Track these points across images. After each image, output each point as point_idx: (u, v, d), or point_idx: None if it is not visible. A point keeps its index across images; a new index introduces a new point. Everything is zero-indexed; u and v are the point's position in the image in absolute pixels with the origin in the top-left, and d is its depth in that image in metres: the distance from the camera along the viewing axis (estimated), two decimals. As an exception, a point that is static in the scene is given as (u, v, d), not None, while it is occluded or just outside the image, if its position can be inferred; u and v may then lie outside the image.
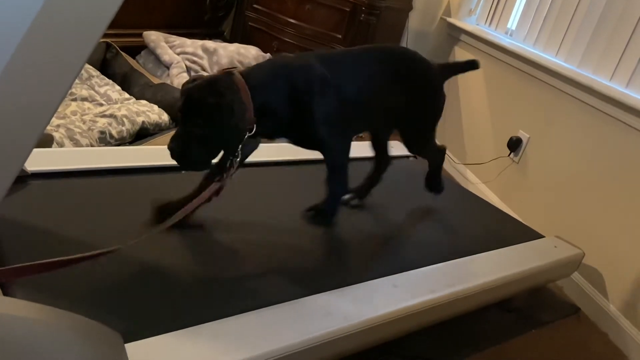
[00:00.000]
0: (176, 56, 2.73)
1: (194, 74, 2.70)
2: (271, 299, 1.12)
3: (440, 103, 1.53)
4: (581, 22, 2.12)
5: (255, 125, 1.20)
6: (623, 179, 1.78)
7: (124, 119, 2.04)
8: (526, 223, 1.85)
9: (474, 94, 2.69)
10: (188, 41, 2.85)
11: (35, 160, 1.29)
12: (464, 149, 2.72)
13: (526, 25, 2.46)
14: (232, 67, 1.22)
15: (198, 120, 1.13)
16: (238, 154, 1.20)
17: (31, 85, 0.71)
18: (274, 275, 1.21)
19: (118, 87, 2.35)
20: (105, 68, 2.56)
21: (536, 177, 2.20)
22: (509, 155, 2.36)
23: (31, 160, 0.94)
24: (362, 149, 2.01)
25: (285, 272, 1.23)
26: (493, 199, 2.38)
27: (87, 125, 1.96)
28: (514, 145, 2.32)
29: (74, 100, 2.15)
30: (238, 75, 1.17)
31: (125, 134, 2.02)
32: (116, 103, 2.22)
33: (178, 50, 2.79)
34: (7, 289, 0.95)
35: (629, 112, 1.77)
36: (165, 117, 2.20)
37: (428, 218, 1.68)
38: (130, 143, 2.06)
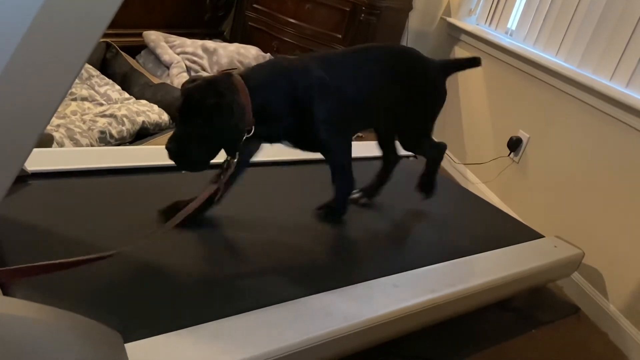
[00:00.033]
0: (176, 56, 2.73)
1: (194, 74, 2.70)
2: (271, 299, 1.12)
3: (439, 99, 1.53)
4: (581, 22, 2.11)
5: (254, 126, 1.20)
6: (623, 179, 1.78)
7: (124, 119, 2.04)
8: (526, 223, 1.85)
9: (474, 94, 2.69)
10: (188, 41, 2.85)
11: (35, 160, 1.29)
12: (464, 149, 2.72)
13: (526, 25, 2.46)
14: (232, 69, 1.22)
15: (196, 120, 1.13)
16: (235, 155, 1.20)
17: (31, 85, 0.71)
18: (274, 275, 1.21)
19: (118, 87, 2.35)
20: (105, 68, 2.56)
21: (536, 177, 2.20)
22: (509, 155, 2.36)
23: (31, 160, 0.93)
24: (364, 149, 2.02)
25: (285, 272, 1.23)
26: (493, 199, 2.38)
27: (87, 125, 1.96)
28: (514, 145, 2.32)
29: (74, 100, 2.15)
30: (237, 76, 1.18)
31: (125, 134, 2.02)
32: (116, 103, 2.22)
33: (178, 50, 2.79)
34: (7, 289, 0.95)
35: (629, 112, 1.77)
36: (165, 117, 2.20)
37: (428, 218, 1.68)
38: (130, 143, 2.06)
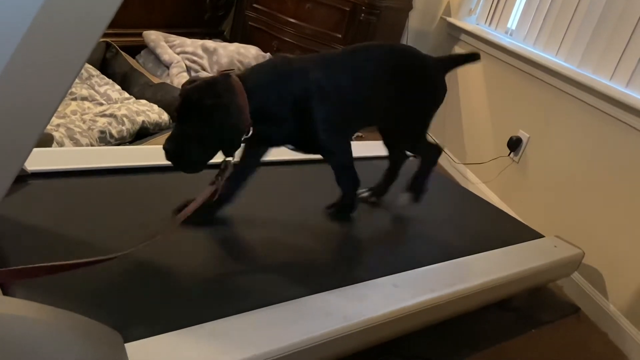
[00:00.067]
0: (176, 56, 2.73)
1: (194, 74, 2.70)
2: (271, 299, 1.12)
3: (439, 96, 1.53)
4: (581, 22, 2.12)
5: (251, 127, 1.20)
6: (623, 179, 1.78)
7: (124, 119, 2.04)
8: (526, 223, 1.85)
9: (474, 94, 2.69)
10: (188, 41, 2.85)
11: (35, 159, 1.29)
12: (464, 149, 2.72)
13: (526, 24, 2.46)
14: (230, 69, 1.22)
15: (194, 121, 1.13)
16: (234, 156, 1.20)
17: (31, 85, 0.71)
18: (274, 275, 1.21)
19: (118, 87, 2.35)
20: (105, 67, 2.56)
21: (536, 177, 2.20)
22: (509, 155, 2.36)
23: (31, 159, 0.94)
24: (364, 149, 2.02)
25: (285, 272, 1.23)
26: (493, 199, 2.39)
27: (87, 124, 1.96)
28: (514, 145, 2.32)
29: (74, 99, 2.15)
30: (235, 77, 1.18)
31: (125, 134, 2.02)
32: (116, 102, 2.22)
33: (178, 49, 2.79)
34: (7, 289, 0.95)
35: (629, 112, 1.77)
36: (165, 117, 2.20)
37: (428, 218, 1.68)
38: (130, 142, 2.06)
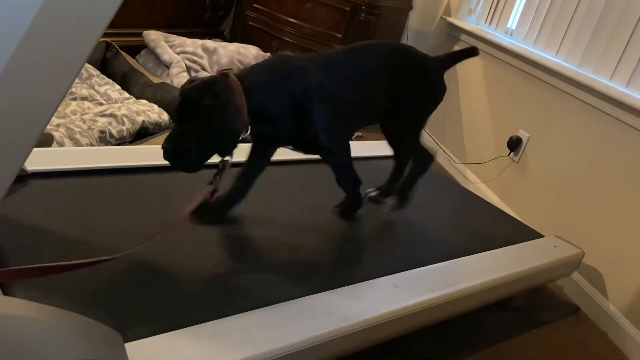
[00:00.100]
0: (176, 55, 2.73)
1: (194, 74, 2.70)
2: (271, 299, 1.12)
3: (439, 95, 1.53)
4: (581, 22, 2.11)
5: (250, 127, 1.20)
6: (623, 179, 1.78)
7: (124, 119, 2.04)
8: (526, 223, 1.85)
9: (474, 94, 2.69)
10: (188, 40, 2.85)
11: (35, 159, 1.29)
12: (464, 149, 2.73)
13: (526, 24, 2.46)
14: (229, 69, 1.22)
15: (192, 121, 1.13)
16: (231, 156, 1.20)
17: (31, 84, 0.71)
18: (274, 274, 1.21)
19: (118, 87, 2.35)
20: (105, 67, 2.56)
21: (536, 177, 2.20)
22: (509, 154, 2.36)
23: (31, 159, 0.94)
24: (364, 149, 2.02)
25: (285, 272, 1.23)
26: (493, 199, 2.39)
27: (87, 124, 1.96)
28: (514, 144, 2.32)
29: (74, 99, 2.15)
30: (233, 77, 1.18)
31: (125, 134, 2.02)
32: (116, 102, 2.22)
33: (178, 49, 2.79)
34: (7, 288, 0.95)
35: (629, 112, 1.77)
36: (165, 117, 2.20)
37: (428, 217, 1.68)
38: (130, 142, 2.06)
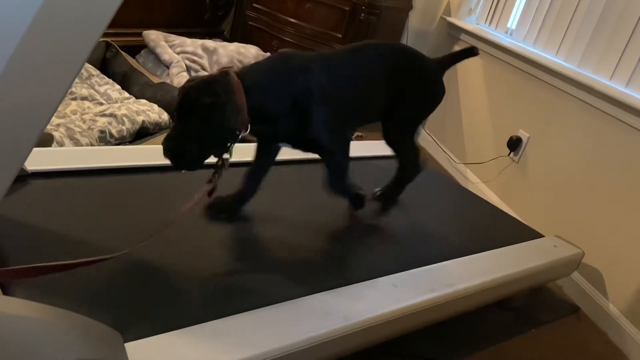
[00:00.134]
0: (176, 55, 2.73)
1: (194, 74, 2.70)
2: (271, 299, 1.12)
3: (436, 98, 1.53)
4: (581, 22, 2.11)
5: (249, 125, 1.20)
6: (623, 179, 1.78)
7: (124, 118, 2.04)
8: (526, 222, 1.85)
9: (474, 94, 2.69)
10: (188, 40, 2.85)
11: (35, 159, 1.29)
12: (464, 149, 2.72)
13: (526, 24, 2.46)
14: (229, 67, 1.22)
15: (192, 119, 1.13)
16: (231, 154, 1.20)
17: (31, 84, 0.71)
18: (274, 274, 1.21)
19: (118, 87, 2.35)
20: (105, 67, 2.56)
21: (536, 177, 2.20)
22: (509, 154, 2.36)
23: (31, 159, 0.94)
24: (364, 149, 2.02)
25: (285, 272, 1.23)
26: (493, 199, 2.39)
27: (87, 124, 1.96)
28: (514, 144, 2.32)
29: (74, 99, 2.15)
30: (233, 75, 1.18)
31: (125, 133, 2.02)
32: (116, 102, 2.22)
33: (178, 49, 2.79)
34: (7, 288, 0.95)
35: (629, 112, 1.77)
36: (165, 116, 2.20)
37: (427, 217, 1.68)
38: (130, 142, 2.06)
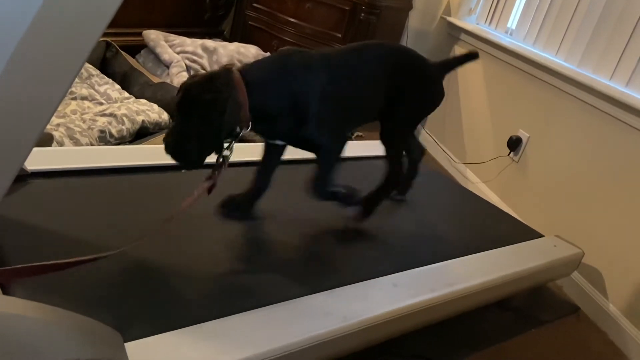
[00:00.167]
0: (176, 55, 2.73)
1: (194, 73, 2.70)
2: (271, 298, 1.12)
3: (435, 101, 1.52)
4: (581, 22, 2.11)
5: (251, 122, 1.20)
6: (623, 179, 1.78)
7: (124, 118, 2.04)
8: (526, 222, 1.85)
9: (474, 93, 2.69)
10: (188, 40, 2.85)
11: (35, 159, 1.29)
12: (464, 148, 2.72)
13: (526, 24, 2.46)
14: (231, 64, 1.21)
15: (193, 115, 1.13)
16: (231, 151, 1.20)
17: (31, 83, 0.71)
18: (274, 274, 1.21)
19: (118, 86, 2.35)
20: (105, 67, 2.56)
21: (536, 177, 2.20)
22: (509, 154, 2.36)
23: (31, 159, 0.93)
24: (364, 149, 2.02)
25: (285, 272, 1.23)
26: (493, 199, 2.38)
27: (87, 124, 1.96)
28: (514, 144, 2.32)
29: (74, 99, 2.15)
30: (236, 72, 1.17)
31: (125, 133, 2.02)
32: (116, 102, 2.22)
33: (178, 49, 2.79)
34: (7, 288, 0.95)
35: (629, 112, 1.77)
36: (165, 116, 2.20)
37: (427, 217, 1.68)
38: (130, 142, 2.06)
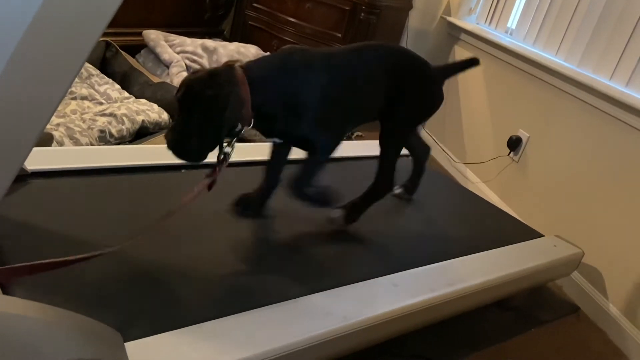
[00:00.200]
0: (176, 55, 2.73)
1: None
2: (271, 298, 1.12)
3: (434, 105, 1.51)
4: (581, 21, 2.11)
5: (253, 120, 1.19)
6: (623, 179, 1.78)
7: (124, 118, 2.04)
8: (526, 222, 1.85)
9: (474, 93, 2.69)
10: (188, 40, 2.85)
11: (35, 159, 1.29)
12: (464, 148, 2.73)
13: (526, 24, 2.46)
14: (235, 60, 1.21)
15: (194, 111, 1.13)
16: (232, 148, 1.20)
17: (31, 83, 0.71)
18: (274, 274, 1.21)
19: (118, 86, 2.35)
20: (105, 67, 2.56)
21: (536, 177, 2.20)
22: (509, 154, 2.36)
23: (31, 159, 0.93)
24: (364, 149, 2.02)
25: (285, 271, 1.23)
26: (493, 198, 2.39)
27: (87, 124, 1.96)
28: (514, 144, 2.32)
29: (74, 99, 2.15)
30: (239, 68, 1.17)
31: (125, 133, 2.02)
32: (116, 102, 2.22)
33: (178, 49, 2.79)
34: (7, 288, 0.95)
35: (629, 112, 1.77)
36: (165, 116, 2.20)
37: (428, 217, 1.68)
38: (130, 142, 2.06)
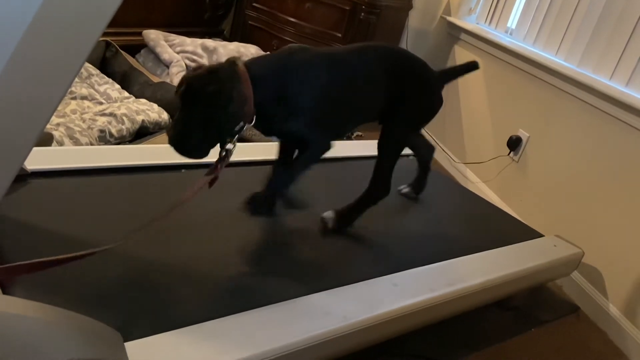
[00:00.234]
0: (176, 55, 2.73)
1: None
2: (271, 298, 1.12)
3: (434, 109, 1.49)
4: (581, 21, 2.11)
5: (254, 117, 1.19)
6: (623, 179, 1.78)
7: (124, 118, 2.04)
8: (526, 222, 1.85)
9: (474, 93, 2.69)
10: (188, 40, 2.85)
11: (35, 158, 1.29)
12: (464, 148, 2.73)
13: (526, 24, 2.46)
14: (237, 57, 1.20)
15: (196, 107, 1.12)
16: (234, 145, 1.19)
17: (31, 83, 0.71)
18: (274, 274, 1.21)
19: (118, 86, 2.35)
20: (104, 67, 2.56)
21: (536, 176, 2.20)
22: (509, 154, 2.36)
23: (31, 158, 0.93)
24: (364, 148, 2.02)
25: (284, 271, 1.23)
26: (493, 198, 2.39)
27: (87, 123, 1.96)
28: (514, 144, 2.32)
29: (74, 98, 2.15)
30: (241, 65, 1.17)
31: (125, 133, 2.02)
32: (116, 102, 2.22)
33: (178, 49, 2.79)
34: (7, 288, 0.95)
35: (629, 111, 1.77)
36: (165, 116, 2.20)
37: (428, 217, 1.68)
38: (130, 142, 2.06)
